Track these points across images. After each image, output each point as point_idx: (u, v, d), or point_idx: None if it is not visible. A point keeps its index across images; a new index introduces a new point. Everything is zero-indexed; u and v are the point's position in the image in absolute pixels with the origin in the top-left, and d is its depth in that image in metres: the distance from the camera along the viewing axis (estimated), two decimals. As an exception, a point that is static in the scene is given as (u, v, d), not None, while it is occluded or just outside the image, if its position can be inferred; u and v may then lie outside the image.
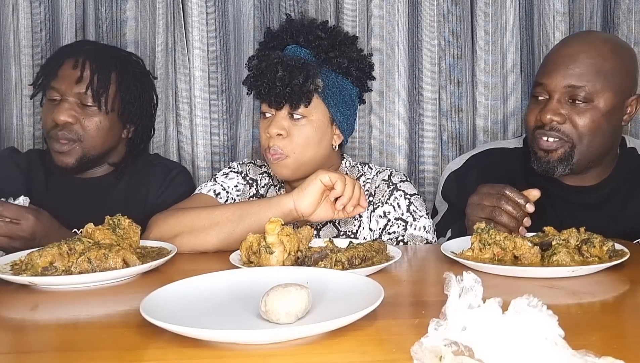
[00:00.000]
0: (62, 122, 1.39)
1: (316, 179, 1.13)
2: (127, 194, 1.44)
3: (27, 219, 1.16)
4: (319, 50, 1.30)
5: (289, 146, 1.29)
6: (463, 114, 1.81)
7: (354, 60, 1.33)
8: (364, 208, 1.16)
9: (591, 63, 1.28)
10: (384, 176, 1.39)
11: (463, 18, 1.78)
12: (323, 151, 1.33)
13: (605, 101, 1.28)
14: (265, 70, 1.27)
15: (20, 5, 1.72)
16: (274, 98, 1.27)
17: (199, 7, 1.71)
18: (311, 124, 1.29)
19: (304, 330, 0.65)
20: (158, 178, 1.53)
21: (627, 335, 0.71)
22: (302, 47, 1.31)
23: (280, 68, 1.25)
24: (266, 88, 1.27)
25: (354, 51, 1.34)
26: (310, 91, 1.26)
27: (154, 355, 0.65)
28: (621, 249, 1.02)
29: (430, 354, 0.54)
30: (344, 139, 1.38)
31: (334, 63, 1.31)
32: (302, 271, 0.87)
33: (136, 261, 0.98)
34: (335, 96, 1.31)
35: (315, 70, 1.27)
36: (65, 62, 1.43)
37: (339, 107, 1.32)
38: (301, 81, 1.24)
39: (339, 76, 1.32)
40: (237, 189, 1.44)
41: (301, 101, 1.26)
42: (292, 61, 1.26)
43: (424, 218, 1.33)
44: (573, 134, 1.29)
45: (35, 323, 0.79)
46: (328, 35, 1.31)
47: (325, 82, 1.29)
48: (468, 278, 0.56)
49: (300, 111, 1.28)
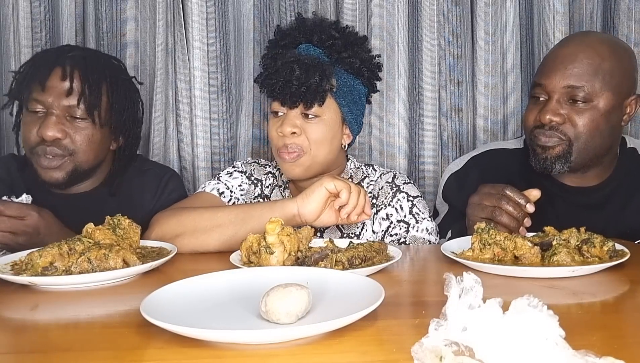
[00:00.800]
0: (50, 138, 1.29)
1: (321, 186, 1.12)
2: (120, 207, 1.32)
3: (30, 216, 1.16)
4: (332, 50, 1.30)
5: (305, 143, 1.29)
6: (463, 114, 1.81)
7: (365, 60, 1.33)
8: (368, 216, 1.16)
9: (590, 63, 1.28)
10: (388, 178, 1.38)
11: (463, 18, 1.78)
12: (334, 151, 1.34)
13: (604, 101, 1.29)
14: (280, 68, 1.26)
15: (20, 5, 1.72)
16: (289, 97, 1.26)
17: (199, 7, 1.71)
18: (324, 123, 1.29)
19: (304, 330, 0.65)
20: (151, 186, 1.47)
21: (627, 335, 0.71)
22: (315, 47, 1.31)
23: (297, 67, 1.24)
24: (281, 87, 1.26)
25: (365, 51, 1.34)
26: (325, 90, 1.26)
27: (154, 355, 0.65)
28: (621, 249, 1.02)
29: (431, 354, 0.54)
30: (352, 140, 1.38)
31: (347, 63, 1.30)
32: (302, 271, 0.87)
33: (136, 261, 0.98)
34: (347, 95, 1.32)
35: (330, 69, 1.27)
36: (52, 72, 1.31)
37: (350, 107, 1.32)
38: (317, 80, 1.24)
39: (351, 76, 1.32)
40: (241, 189, 1.43)
41: (316, 100, 1.26)
42: (308, 59, 1.26)
43: (426, 220, 1.33)
44: (572, 134, 1.30)
45: (35, 323, 0.79)
46: (341, 35, 1.31)
47: (338, 81, 1.30)
48: (468, 278, 0.56)
49: (314, 110, 1.28)
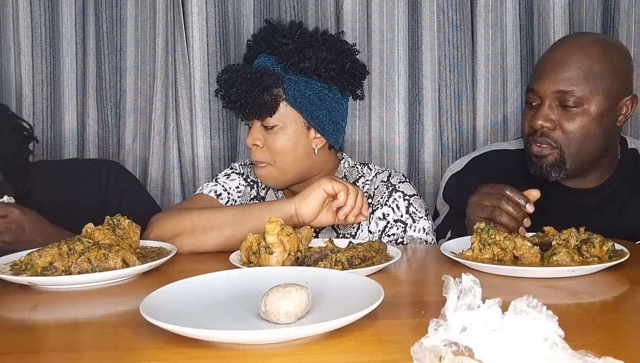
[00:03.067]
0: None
1: (319, 187, 1.12)
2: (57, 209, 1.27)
3: (11, 212, 1.18)
4: (282, 56, 1.28)
5: (267, 155, 1.30)
6: (463, 114, 1.81)
7: (324, 60, 1.28)
8: (365, 217, 1.15)
9: (579, 67, 1.27)
10: (383, 178, 1.37)
11: (463, 18, 1.78)
12: (301, 158, 1.32)
13: (596, 104, 1.28)
14: (224, 84, 1.28)
15: (20, 5, 1.72)
16: (237, 111, 1.29)
17: (199, 7, 1.71)
18: (283, 132, 1.29)
19: (304, 330, 0.65)
20: (90, 182, 1.44)
21: (627, 335, 0.71)
22: (269, 55, 1.30)
23: (238, 81, 1.25)
24: (227, 102, 1.28)
25: (324, 50, 1.28)
26: (267, 102, 1.25)
27: (154, 355, 0.65)
28: (621, 249, 1.02)
29: (430, 354, 0.54)
30: (333, 142, 1.35)
31: (300, 68, 1.27)
32: (302, 271, 0.87)
33: (136, 261, 0.98)
34: (307, 100, 1.29)
35: (274, 79, 1.25)
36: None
37: (310, 111, 1.29)
38: (256, 93, 1.24)
39: (312, 79, 1.29)
40: (239, 191, 1.43)
41: (262, 112, 1.26)
42: (250, 72, 1.25)
43: (423, 219, 1.33)
44: (562, 141, 1.29)
45: (35, 323, 0.79)
46: (292, 40, 1.29)
47: (292, 88, 1.27)
48: (466, 280, 0.56)
49: (270, 121, 1.28)
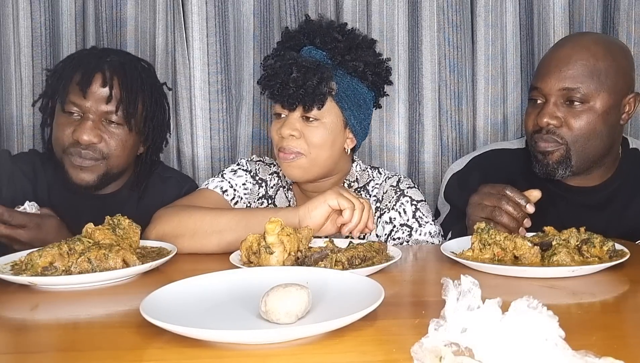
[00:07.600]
0: (86, 142, 1.32)
1: (325, 202, 1.11)
2: (139, 211, 1.34)
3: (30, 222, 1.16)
4: (335, 52, 1.28)
5: (303, 146, 1.28)
6: (463, 114, 1.81)
7: (370, 64, 1.30)
8: (370, 229, 1.14)
9: (584, 64, 1.28)
10: (392, 182, 1.38)
11: (463, 18, 1.78)
12: (336, 155, 1.32)
13: (601, 101, 1.29)
14: (279, 70, 1.25)
15: (20, 5, 1.72)
16: (287, 99, 1.25)
17: (199, 7, 1.71)
18: (324, 127, 1.28)
19: (304, 330, 0.65)
20: (171, 194, 1.47)
21: (627, 335, 0.71)
22: (318, 49, 1.30)
23: (295, 69, 1.23)
24: (279, 89, 1.25)
25: (371, 54, 1.32)
26: (323, 93, 1.25)
27: (154, 355, 0.65)
28: (621, 249, 1.02)
29: (431, 354, 0.54)
30: (357, 144, 1.37)
31: (350, 66, 1.29)
32: (302, 271, 0.87)
33: (136, 261, 0.98)
34: (350, 99, 1.30)
35: (330, 72, 1.26)
36: (93, 78, 1.34)
37: (352, 111, 1.31)
38: (315, 83, 1.23)
39: (355, 80, 1.30)
40: (245, 188, 1.41)
41: (314, 103, 1.25)
42: (307, 62, 1.24)
43: (429, 224, 1.32)
44: (568, 137, 1.30)
45: (35, 323, 0.79)
46: (345, 37, 1.29)
47: (340, 85, 1.28)
48: (466, 281, 0.56)
49: (314, 113, 1.27)
